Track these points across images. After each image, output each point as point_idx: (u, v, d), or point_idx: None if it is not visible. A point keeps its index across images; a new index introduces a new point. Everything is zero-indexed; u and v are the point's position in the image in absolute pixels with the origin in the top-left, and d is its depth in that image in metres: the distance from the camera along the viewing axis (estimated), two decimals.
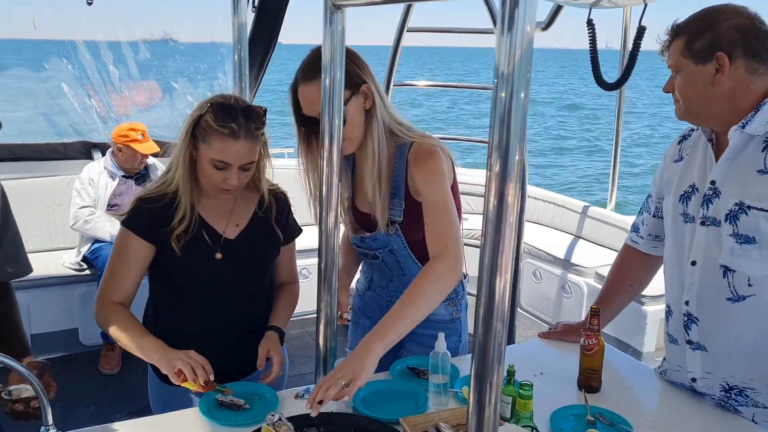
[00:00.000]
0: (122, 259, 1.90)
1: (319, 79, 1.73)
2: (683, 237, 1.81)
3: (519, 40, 1.00)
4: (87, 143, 4.72)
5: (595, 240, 4.81)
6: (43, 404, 1.43)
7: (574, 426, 1.71)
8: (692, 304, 1.79)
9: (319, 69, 1.72)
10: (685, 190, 1.82)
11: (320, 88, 1.72)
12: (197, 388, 1.72)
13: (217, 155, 1.78)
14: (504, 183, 1.06)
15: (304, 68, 1.84)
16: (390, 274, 2.10)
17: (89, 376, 3.97)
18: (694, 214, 1.77)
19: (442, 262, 1.80)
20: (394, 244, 2.00)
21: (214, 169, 1.80)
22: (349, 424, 1.68)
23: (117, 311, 1.88)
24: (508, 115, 1.03)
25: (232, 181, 1.81)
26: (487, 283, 1.10)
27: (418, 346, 2.09)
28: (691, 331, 1.81)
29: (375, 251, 2.04)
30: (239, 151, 1.79)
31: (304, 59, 1.86)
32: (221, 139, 1.77)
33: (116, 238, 1.93)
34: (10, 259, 1.80)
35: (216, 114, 1.77)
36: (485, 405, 1.14)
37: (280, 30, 4.25)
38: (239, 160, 1.80)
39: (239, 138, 1.77)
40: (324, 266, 1.75)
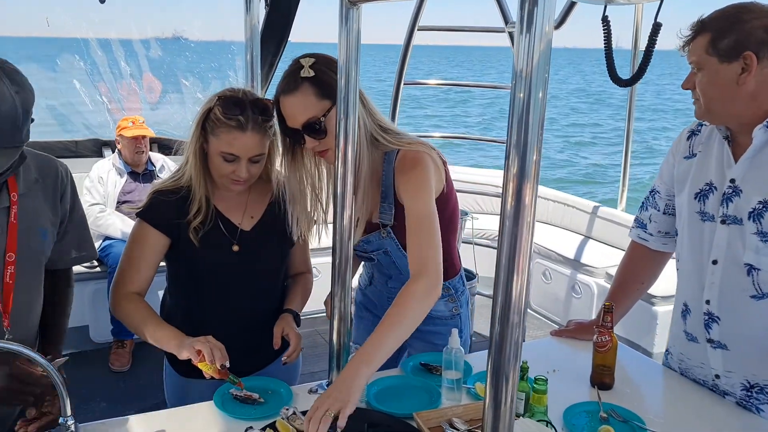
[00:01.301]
0: (138, 251, 1.92)
1: (299, 91, 1.74)
2: (701, 235, 1.81)
3: (538, 40, 1.01)
4: (98, 141, 4.76)
5: (606, 240, 4.81)
6: (62, 396, 1.45)
7: (587, 422, 1.72)
8: (713, 303, 1.79)
9: (299, 80, 1.74)
10: (701, 188, 1.82)
11: (301, 100, 1.74)
12: (212, 371, 1.72)
13: (225, 147, 1.80)
14: (522, 183, 1.07)
15: (284, 80, 1.79)
16: (389, 272, 2.11)
17: (100, 373, 3.99)
18: (714, 213, 1.77)
19: (422, 281, 1.73)
20: (387, 247, 1.99)
21: (223, 161, 1.82)
22: (362, 419, 1.69)
23: (133, 300, 1.90)
24: (526, 115, 1.04)
25: (241, 173, 1.82)
26: (504, 282, 1.11)
27: (420, 343, 2.10)
28: (712, 330, 1.81)
29: (370, 253, 2.05)
30: (247, 143, 1.80)
31: (286, 70, 1.81)
32: (229, 131, 1.78)
33: (132, 229, 1.95)
34: (75, 244, 1.84)
35: (224, 107, 1.79)
36: (501, 400, 1.16)
37: (291, 29, 4.26)
38: (247, 152, 1.81)
39: (246, 130, 1.79)
40: (338, 262, 1.76)
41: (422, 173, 1.83)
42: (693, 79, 1.72)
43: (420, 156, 1.85)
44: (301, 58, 1.78)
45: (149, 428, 1.67)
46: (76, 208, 1.83)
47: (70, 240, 1.82)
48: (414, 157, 1.85)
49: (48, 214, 1.72)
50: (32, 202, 1.67)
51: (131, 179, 4.28)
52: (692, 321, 1.88)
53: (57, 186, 1.74)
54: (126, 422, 1.71)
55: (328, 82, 1.74)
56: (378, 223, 1.97)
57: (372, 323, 2.14)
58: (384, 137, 1.88)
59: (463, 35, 5.12)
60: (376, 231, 1.97)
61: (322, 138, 1.77)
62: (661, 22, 1.59)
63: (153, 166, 4.39)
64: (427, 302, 1.73)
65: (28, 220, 1.65)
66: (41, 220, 1.70)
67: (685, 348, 1.94)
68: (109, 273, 4.05)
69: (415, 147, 1.88)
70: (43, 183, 1.71)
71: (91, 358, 4.14)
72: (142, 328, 1.86)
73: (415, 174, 1.83)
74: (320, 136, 1.77)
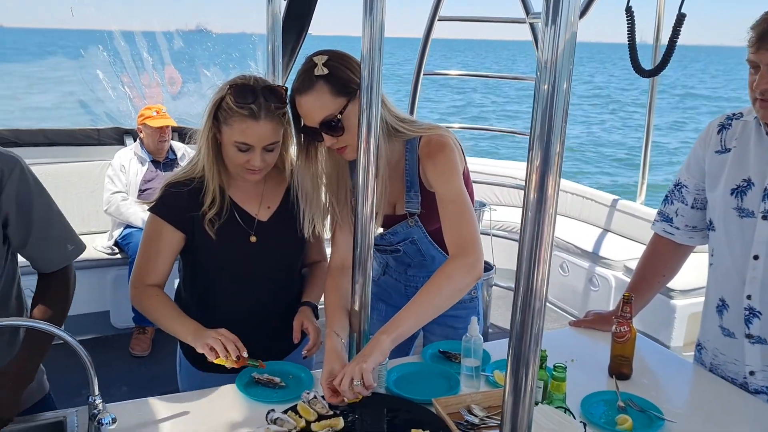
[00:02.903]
0: (153, 246, 1.92)
1: (314, 90, 1.73)
2: (740, 231, 1.81)
3: (563, 32, 1.02)
4: (120, 129, 4.80)
5: (624, 233, 4.79)
6: (90, 375, 1.49)
7: (605, 411, 1.73)
8: (755, 298, 1.80)
9: (313, 79, 1.73)
10: (738, 184, 1.81)
11: (317, 99, 1.73)
12: (231, 364, 1.75)
13: (238, 137, 1.77)
14: (545, 174, 1.08)
15: (298, 79, 1.78)
16: (409, 261, 2.12)
17: (120, 358, 4.06)
18: (753, 209, 1.78)
19: (460, 261, 1.76)
20: (414, 235, 2.01)
21: (237, 151, 1.79)
22: (382, 404, 1.72)
23: (152, 293, 1.92)
24: (550, 107, 1.05)
25: (255, 162, 1.80)
26: (526, 272, 1.13)
27: (439, 327, 2.14)
28: (752, 325, 1.82)
29: (396, 245, 2.06)
30: (260, 131, 1.77)
31: (299, 68, 1.81)
32: (241, 120, 1.76)
33: (146, 224, 1.95)
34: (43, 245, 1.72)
35: (236, 95, 1.76)
36: (522, 387, 1.18)
37: (311, 19, 4.28)
38: (261, 141, 1.79)
39: (260, 119, 1.76)
40: (359, 252, 1.78)
41: (449, 155, 1.85)
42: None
43: (444, 139, 1.87)
44: (314, 56, 1.76)
45: (173, 410, 1.71)
46: (34, 205, 1.66)
47: (37, 241, 1.69)
48: (438, 140, 1.87)
49: None
50: None
51: (153, 167, 4.33)
52: (730, 316, 1.88)
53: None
54: (150, 404, 1.75)
55: (342, 79, 1.74)
56: (401, 215, 1.99)
57: (386, 313, 2.16)
58: (403, 126, 1.90)
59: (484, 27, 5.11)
60: (401, 221, 1.99)
61: (340, 135, 1.77)
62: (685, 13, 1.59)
63: (174, 155, 4.43)
64: (464, 282, 1.76)
65: None
66: None
67: (719, 343, 1.94)
68: (130, 261, 4.12)
69: (436, 131, 1.90)
70: None
71: (112, 343, 4.21)
72: (161, 320, 1.89)
73: (442, 157, 1.85)
74: (338, 133, 1.77)
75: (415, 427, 1.58)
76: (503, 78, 5.72)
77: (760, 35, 1.64)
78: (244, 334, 1.82)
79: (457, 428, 1.59)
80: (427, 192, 1.93)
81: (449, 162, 1.85)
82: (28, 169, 1.66)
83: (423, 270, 2.12)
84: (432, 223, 1.97)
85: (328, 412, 1.65)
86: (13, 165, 1.61)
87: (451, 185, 1.84)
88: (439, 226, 1.90)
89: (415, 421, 1.62)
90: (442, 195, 1.85)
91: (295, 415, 1.63)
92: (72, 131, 4.71)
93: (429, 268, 2.08)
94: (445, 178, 1.85)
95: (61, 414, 1.64)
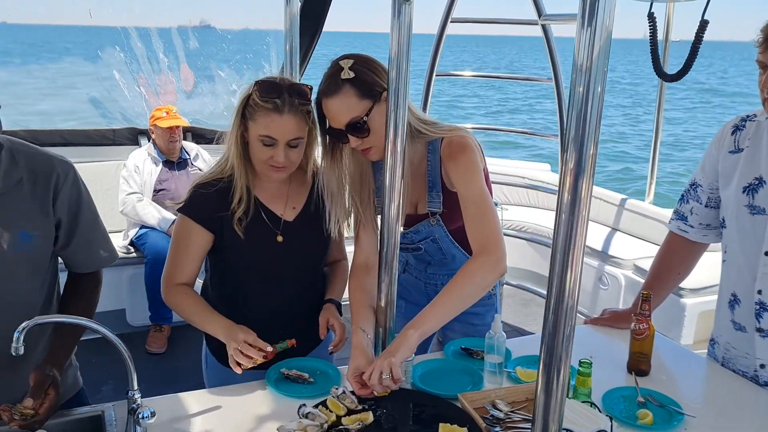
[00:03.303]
0: (182, 246, 1.97)
1: (341, 93, 1.78)
2: (752, 228, 1.86)
3: (599, 34, 1.05)
4: (135, 129, 4.85)
5: (633, 233, 4.82)
6: (129, 370, 1.54)
7: (625, 407, 1.77)
8: (766, 292, 1.85)
9: (339, 82, 1.78)
10: (749, 182, 1.86)
11: (344, 102, 1.78)
12: (261, 361, 1.79)
13: (262, 130, 1.80)
14: (578, 176, 1.11)
15: (325, 82, 1.83)
16: (430, 259, 2.16)
17: (137, 356, 4.05)
18: (765, 206, 1.83)
19: (484, 258, 1.82)
20: (436, 234, 2.06)
21: (262, 146, 1.82)
22: (409, 399, 1.76)
23: (182, 291, 1.96)
24: (584, 109, 1.08)
25: (279, 157, 1.82)
26: (560, 274, 1.17)
27: (459, 324, 2.16)
28: (762, 319, 1.86)
29: (417, 243, 2.10)
30: (284, 125, 1.80)
31: (326, 72, 1.86)
32: (266, 114, 1.79)
33: (175, 224, 2.00)
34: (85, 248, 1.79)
35: (261, 90, 1.80)
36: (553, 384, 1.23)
37: (325, 19, 4.32)
38: (285, 135, 1.81)
39: (283, 113, 1.79)
40: (386, 251, 1.83)
41: (471, 156, 1.90)
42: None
43: (465, 140, 1.93)
44: (340, 60, 1.82)
45: (205, 405, 1.76)
46: (83, 209, 1.74)
47: (79, 243, 1.75)
48: (460, 141, 1.92)
49: (34, 215, 1.64)
50: (12, 202, 1.61)
51: (166, 168, 4.37)
52: (741, 311, 1.92)
53: (49, 187, 1.65)
54: (182, 399, 1.80)
55: (368, 82, 1.79)
56: (423, 214, 2.04)
57: (406, 311, 2.20)
58: (425, 128, 1.95)
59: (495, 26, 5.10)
60: (423, 221, 2.04)
61: (365, 137, 1.82)
62: (708, 20, 1.63)
63: (187, 155, 4.47)
64: (488, 279, 1.83)
65: (4, 219, 1.59)
66: (22, 220, 1.62)
67: (731, 337, 1.98)
68: (146, 261, 4.16)
69: (457, 133, 1.95)
70: (31, 183, 1.63)
71: (129, 341, 4.20)
72: (192, 317, 1.94)
73: (464, 158, 1.90)
74: (363, 134, 1.82)
75: (442, 422, 1.62)
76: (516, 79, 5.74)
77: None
78: (271, 332, 1.87)
79: (483, 423, 1.63)
80: (449, 192, 1.98)
81: (471, 163, 1.90)
82: (79, 175, 1.74)
83: (443, 268, 2.16)
84: (453, 222, 2.02)
85: (357, 407, 1.70)
86: (68, 170, 1.70)
87: (472, 185, 1.89)
88: (460, 225, 1.95)
89: (442, 416, 1.66)
90: (465, 195, 1.90)
91: (326, 409, 1.67)
92: (87, 132, 4.75)
93: (449, 266, 2.13)
94: (467, 179, 1.90)
95: (99, 408, 1.69)
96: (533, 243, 4.78)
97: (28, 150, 1.67)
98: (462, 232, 1.95)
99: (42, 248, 1.68)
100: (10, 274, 1.63)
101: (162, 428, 1.65)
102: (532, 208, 5.51)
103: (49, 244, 1.69)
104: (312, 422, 1.60)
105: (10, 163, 1.61)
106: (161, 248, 4.08)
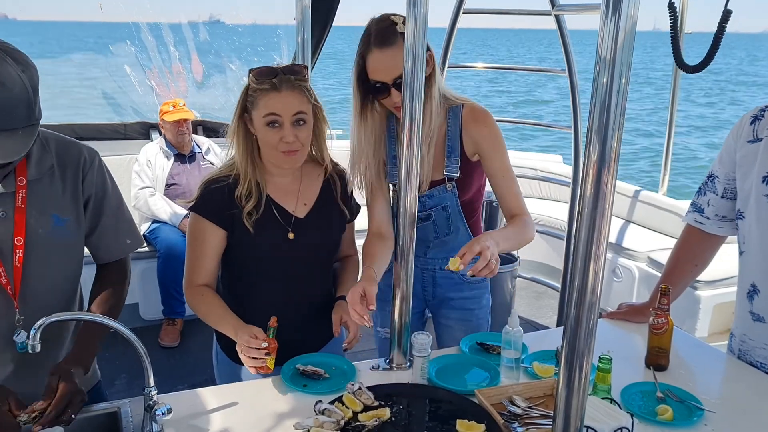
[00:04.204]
0: (198, 245, 1.94)
1: (397, 45, 1.84)
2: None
3: (623, 24, 1.03)
4: (146, 123, 4.85)
5: (647, 225, 4.79)
6: (146, 366, 1.53)
7: (644, 402, 1.75)
8: None
9: (397, 34, 1.85)
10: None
11: (397, 53, 1.82)
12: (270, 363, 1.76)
13: (264, 110, 1.81)
14: (601, 169, 1.09)
15: (379, 35, 1.89)
16: (430, 239, 2.18)
17: (150, 350, 4.07)
18: None
19: (527, 217, 2.07)
20: (448, 201, 2.11)
21: (268, 129, 1.82)
22: (424, 395, 1.75)
23: (201, 292, 1.94)
24: (608, 101, 1.06)
25: (287, 137, 1.81)
26: (582, 268, 1.15)
27: (455, 311, 2.24)
28: None
29: (428, 210, 2.12)
30: (284, 100, 1.81)
31: (377, 27, 1.90)
32: (264, 94, 1.81)
33: (188, 225, 1.97)
34: (112, 233, 1.82)
35: (256, 76, 1.82)
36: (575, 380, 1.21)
37: (335, 12, 4.29)
38: (287, 110, 1.81)
39: (281, 89, 1.80)
40: (402, 244, 1.81)
41: (496, 125, 2.04)
42: None
43: (487, 109, 2.06)
44: (391, 16, 1.91)
45: (221, 401, 1.75)
46: (108, 194, 1.79)
47: (105, 229, 1.79)
48: (484, 110, 2.06)
49: (66, 200, 1.69)
50: (45, 188, 1.66)
51: (178, 162, 4.37)
52: (760, 301, 1.90)
53: (78, 171, 1.71)
54: (198, 395, 1.79)
55: None
56: (438, 180, 2.09)
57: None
58: (451, 94, 2.08)
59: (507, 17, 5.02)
60: (438, 186, 2.09)
61: None
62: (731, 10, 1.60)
63: (199, 149, 4.47)
64: (532, 232, 2.05)
65: (39, 205, 1.64)
66: (55, 206, 1.67)
67: (749, 329, 1.96)
68: (158, 255, 4.16)
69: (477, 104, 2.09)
70: (61, 169, 1.69)
71: (142, 335, 4.20)
72: (207, 317, 1.93)
73: (492, 126, 2.06)
74: None
75: (458, 418, 1.61)
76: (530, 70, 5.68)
77: None
78: (281, 327, 1.85)
79: (501, 419, 1.61)
80: (466, 160, 2.06)
81: (499, 133, 2.06)
82: (104, 162, 1.81)
83: (442, 251, 2.18)
84: (465, 192, 2.10)
85: (373, 403, 1.68)
86: (95, 155, 1.77)
87: (502, 154, 2.08)
88: (469, 196, 2.09)
89: (459, 412, 1.65)
90: (494, 161, 2.07)
91: (342, 405, 1.66)
92: (99, 126, 4.75)
93: (450, 245, 2.16)
94: (498, 146, 2.07)
95: (115, 404, 1.69)
96: (546, 235, 4.75)
97: (57, 137, 1.73)
98: (468, 205, 2.10)
99: (74, 233, 1.72)
100: (46, 260, 1.67)
101: (178, 424, 1.64)
102: (545, 200, 5.48)
103: (81, 230, 1.74)
104: (328, 419, 1.58)
105: (41, 150, 1.66)
106: (173, 242, 4.09)
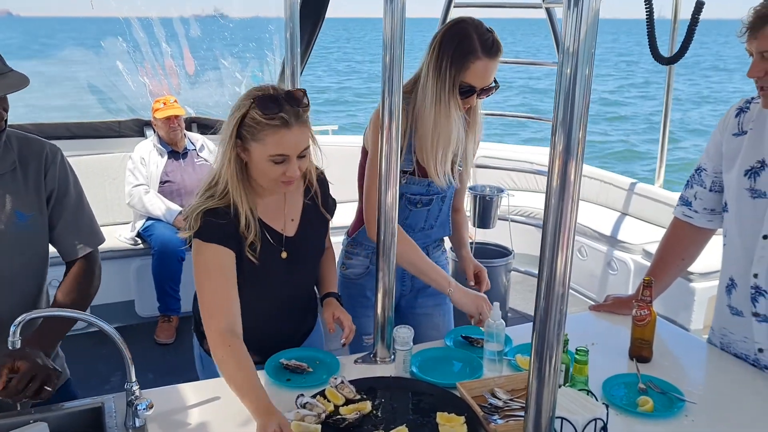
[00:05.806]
0: (215, 274, 1.78)
1: (498, 56, 2.00)
2: (752, 212, 1.83)
3: (585, 15, 1.03)
4: (140, 121, 4.85)
5: (642, 217, 4.78)
6: (127, 362, 1.54)
7: (626, 393, 1.76)
8: (762, 277, 1.82)
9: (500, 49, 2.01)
10: (751, 166, 1.83)
11: (497, 65, 1.99)
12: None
13: (274, 149, 1.71)
14: (567, 160, 1.10)
15: (495, 44, 2.00)
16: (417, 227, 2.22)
17: (146, 346, 4.13)
18: (766, 190, 1.80)
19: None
20: (448, 193, 2.21)
21: (273, 165, 1.73)
22: (407, 388, 1.75)
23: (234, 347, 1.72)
24: (572, 92, 1.07)
25: (292, 172, 1.74)
26: (549, 258, 1.16)
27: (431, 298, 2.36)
28: (758, 304, 1.84)
29: (431, 196, 2.18)
30: (295, 139, 1.72)
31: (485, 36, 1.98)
32: (274, 131, 1.70)
33: (196, 257, 1.80)
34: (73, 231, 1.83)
35: (261, 107, 1.70)
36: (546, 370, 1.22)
37: (327, 7, 4.29)
38: (297, 149, 1.74)
39: (292, 126, 1.70)
40: (383, 239, 1.82)
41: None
42: (764, 66, 1.70)
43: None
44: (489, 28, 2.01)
45: (204, 396, 1.76)
46: (69, 191, 1.80)
47: (66, 225, 1.80)
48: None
49: (29, 196, 1.72)
50: (8, 185, 1.69)
51: (172, 159, 4.37)
52: (738, 295, 1.90)
53: (40, 166, 1.74)
54: (180, 390, 1.80)
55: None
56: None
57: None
58: None
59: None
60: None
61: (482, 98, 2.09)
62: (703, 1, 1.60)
63: (193, 146, 4.47)
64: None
65: (1, 202, 1.67)
66: (18, 202, 1.70)
67: (728, 322, 1.96)
68: (153, 252, 4.18)
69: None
70: (23, 165, 1.72)
71: (137, 332, 4.28)
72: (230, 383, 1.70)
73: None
74: (483, 96, 2.07)
75: (440, 410, 1.62)
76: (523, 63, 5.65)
77: (750, 26, 1.70)
78: (267, 327, 1.86)
79: (481, 411, 1.62)
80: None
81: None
82: (67, 159, 1.85)
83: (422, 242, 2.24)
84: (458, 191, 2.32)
85: (355, 397, 1.69)
86: (57, 151, 1.82)
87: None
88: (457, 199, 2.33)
89: (440, 405, 1.65)
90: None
91: (324, 399, 1.67)
92: (93, 124, 4.76)
93: (431, 238, 2.28)
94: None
95: (99, 400, 1.69)
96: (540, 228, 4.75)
97: (18, 135, 1.77)
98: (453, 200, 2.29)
99: (37, 229, 1.76)
100: (9, 255, 1.71)
101: (161, 419, 1.65)
102: (539, 193, 5.47)
103: (44, 225, 1.77)
104: (309, 412, 1.59)
105: (3, 148, 1.70)
106: (168, 239, 4.10)
